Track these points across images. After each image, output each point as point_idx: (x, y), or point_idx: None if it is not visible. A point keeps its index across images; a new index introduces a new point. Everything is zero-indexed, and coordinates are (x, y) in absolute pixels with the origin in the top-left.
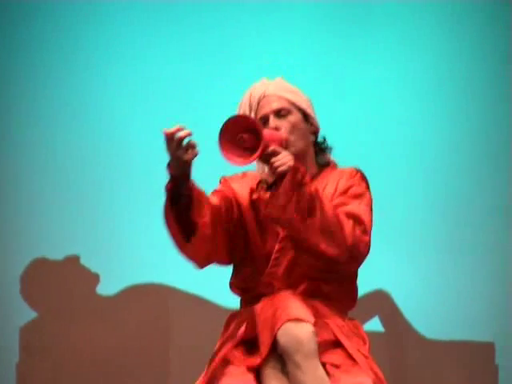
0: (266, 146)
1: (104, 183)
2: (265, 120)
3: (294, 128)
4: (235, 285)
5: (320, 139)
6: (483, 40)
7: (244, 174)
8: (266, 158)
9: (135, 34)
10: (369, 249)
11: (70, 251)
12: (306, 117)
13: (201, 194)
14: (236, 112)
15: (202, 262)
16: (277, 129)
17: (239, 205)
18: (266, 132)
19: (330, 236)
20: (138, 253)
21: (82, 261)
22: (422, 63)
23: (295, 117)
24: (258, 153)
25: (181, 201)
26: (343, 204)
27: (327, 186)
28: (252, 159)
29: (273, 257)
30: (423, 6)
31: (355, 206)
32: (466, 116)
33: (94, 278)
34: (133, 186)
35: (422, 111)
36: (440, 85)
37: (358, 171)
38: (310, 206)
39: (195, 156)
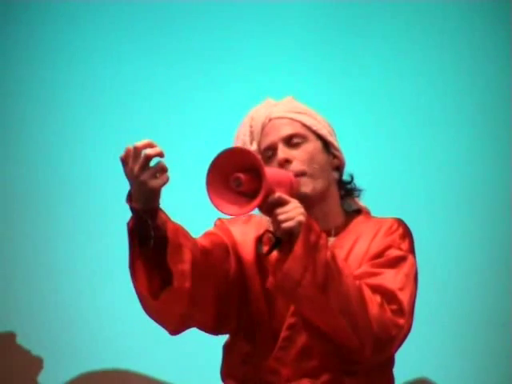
0: (270, 192)
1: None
2: (272, 151)
3: (311, 160)
4: (228, 372)
5: (346, 177)
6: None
7: (248, 219)
8: (268, 208)
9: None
10: (406, 334)
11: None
12: (326, 146)
13: (178, 232)
14: (232, 143)
15: (173, 326)
16: (287, 161)
17: (239, 256)
18: (270, 172)
19: (348, 320)
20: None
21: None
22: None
23: (313, 145)
24: (257, 200)
25: (148, 244)
26: (372, 274)
27: (358, 243)
28: (250, 208)
29: (282, 335)
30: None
31: (389, 277)
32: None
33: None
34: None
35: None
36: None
37: (400, 225)
38: (326, 277)
39: (165, 183)
